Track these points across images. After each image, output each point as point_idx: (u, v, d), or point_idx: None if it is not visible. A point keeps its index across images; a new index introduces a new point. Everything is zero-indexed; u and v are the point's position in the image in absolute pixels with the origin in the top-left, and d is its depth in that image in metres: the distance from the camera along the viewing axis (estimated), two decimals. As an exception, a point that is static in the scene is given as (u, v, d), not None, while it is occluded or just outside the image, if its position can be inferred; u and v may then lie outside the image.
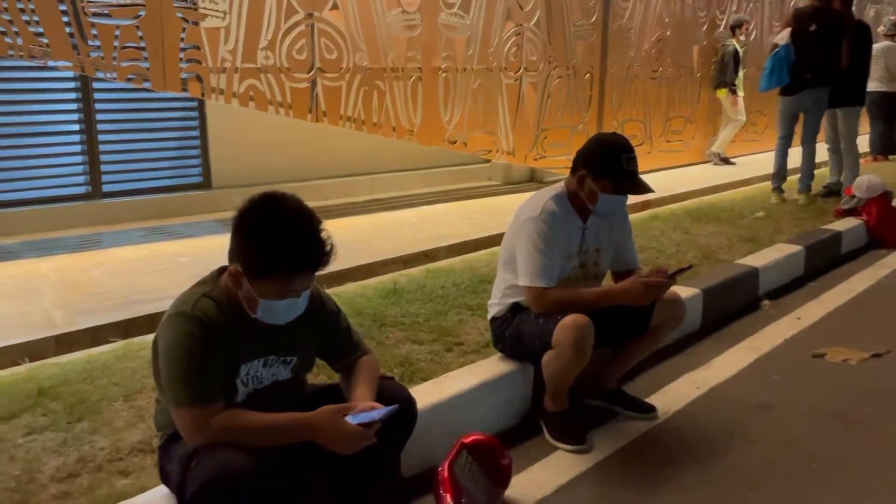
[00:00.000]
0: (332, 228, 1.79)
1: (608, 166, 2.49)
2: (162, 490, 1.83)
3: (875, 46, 8.81)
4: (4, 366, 3.07)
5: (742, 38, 8.94)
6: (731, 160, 9.20)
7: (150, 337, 3.20)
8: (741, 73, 8.86)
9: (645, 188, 2.51)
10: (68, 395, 2.49)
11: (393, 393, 1.92)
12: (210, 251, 4.70)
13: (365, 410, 1.76)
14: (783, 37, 6.03)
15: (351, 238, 5.08)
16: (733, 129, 9.09)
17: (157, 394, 1.85)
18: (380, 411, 1.75)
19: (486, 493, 2.13)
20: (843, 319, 3.89)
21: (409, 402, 1.95)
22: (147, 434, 2.20)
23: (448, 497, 1.98)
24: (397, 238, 5.26)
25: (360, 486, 1.94)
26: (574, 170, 2.58)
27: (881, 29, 9.17)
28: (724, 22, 9.25)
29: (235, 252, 1.75)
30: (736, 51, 8.71)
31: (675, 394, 2.96)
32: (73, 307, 3.76)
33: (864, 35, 6.50)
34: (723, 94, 8.88)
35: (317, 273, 1.76)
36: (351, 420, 1.72)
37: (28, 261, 4.63)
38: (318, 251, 1.72)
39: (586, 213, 2.62)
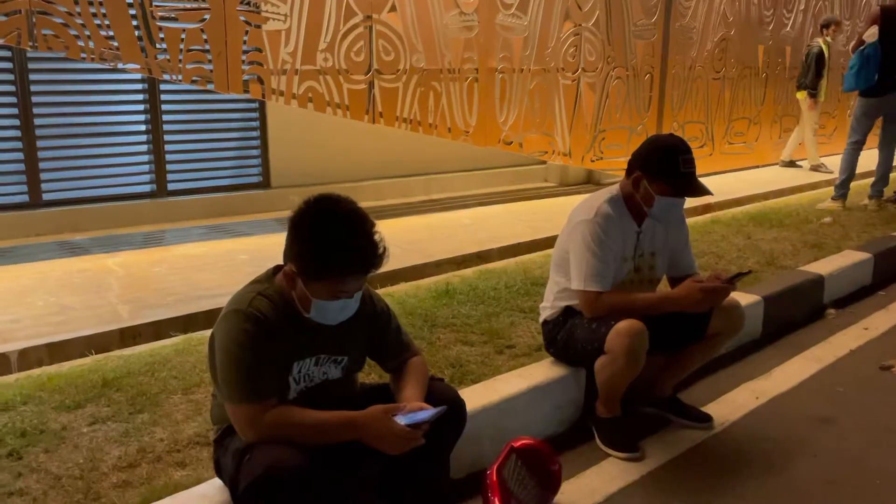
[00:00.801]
0: (387, 228, 1.81)
1: (664, 168, 2.44)
2: (216, 483, 1.88)
3: None
4: (72, 357, 3.20)
5: (829, 38, 8.37)
6: (798, 163, 8.89)
7: (209, 332, 3.32)
8: (825, 76, 8.35)
9: (702, 190, 2.45)
10: (130, 387, 2.58)
11: (442, 394, 1.93)
12: (268, 249, 4.80)
13: (414, 411, 1.77)
14: (871, 34, 5.78)
15: (405, 238, 5.12)
16: (800, 135, 8.74)
17: (213, 389, 1.89)
18: (428, 412, 1.75)
19: (535, 498, 2.11)
20: (914, 331, 3.72)
21: (459, 404, 1.95)
22: (204, 427, 2.26)
23: (496, 500, 1.97)
24: (451, 239, 5.27)
25: (410, 486, 1.95)
26: (629, 172, 2.54)
27: None
28: (790, 21, 8.97)
29: (290, 252, 1.78)
30: (821, 52, 8.27)
31: (732, 404, 2.88)
32: (138, 301, 3.90)
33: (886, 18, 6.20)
34: (802, 96, 8.46)
35: (369, 275, 1.78)
36: (400, 420, 1.73)
37: (97, 256, 4.82)
38: (371, 254, 1.74)
39: (642, 216, 2.57)
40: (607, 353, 2.39)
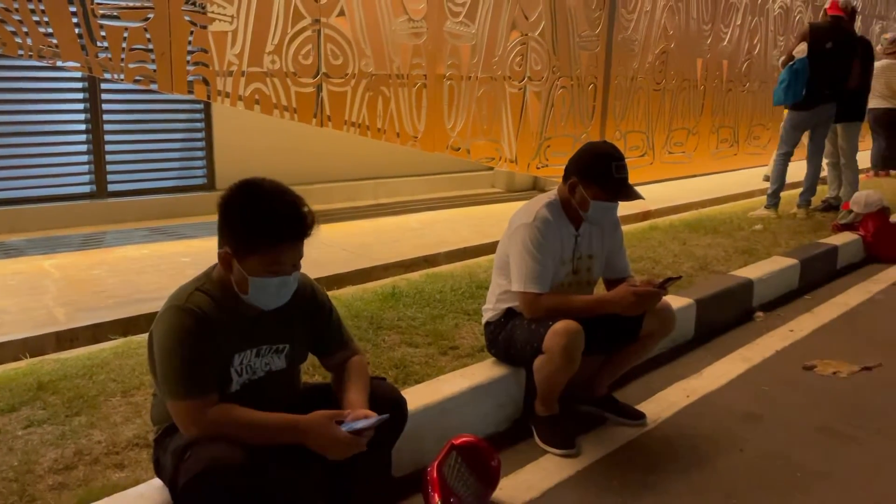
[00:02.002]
0: (335, 232, 1.85)
1: (598, 173, 2.54)
2: (156, 483, 1.87)
3: (876, 64, 8.87)
4: (5, 360, 3.12)
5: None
6: None
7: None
8: None
9: (634, 195, 2.56)
10: (67, 390, 2.54)
11: (384, 394, 1.97)
12: (212, 251, 4.69)
13: (358, 419, 1.80)
14: (801, 50, 6.03)
15: (353, 242, 5.13)
16: None
17: (153, 388, 1.89)
18: (371, 420, 1.78)
19: (474, 494, 2.17)
20: (835, 333, 3.92)
21: (400, 403, 1.99)
22: (143, 429, 2.25)
23: (436, 497, 2.02)
24: (399, 243, 5.30)
25: (352, 484, 1.98)
26: (566, 177, 2.64)
27: (879, 47, 9.21)
28: (727, 36, 9.30)
29: (223, 235, 1.81)
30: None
31: (665, 402, 3.00)
32: (75, 304, 3.82)
33: (867, 52, 6.57)
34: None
35: (301, 242, 1.81)
36: (343, 428, 1.76)
37: (33, 258, 4.69)
38: (300, 219, 1.78)
39: (579, 221, 2.67)
40: (545, 353, 2.47)
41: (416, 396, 2.42)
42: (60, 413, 2.35)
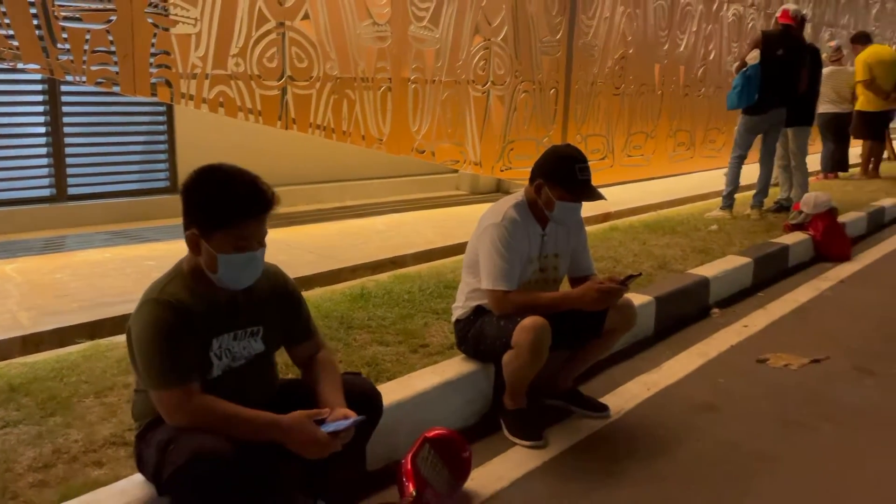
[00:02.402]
0: (301, 235, 1.91)
1: (563, 175, 2.65)
2: (137, 478, 1.91)
3: (823, 71, 9.24)
4: (-30, 366, 3.09)
5: None
6: None
7: (118, 338, 3.29)
8: None
9: (597, 195, 2.68)
10: (39, 392, 2.54)
11: (360, 388, 2.03)
12: (177, 255, 4.67)
13: (338, 418, 1.86)
14: (754, 57, 6.25)
15: (319, 244, 5.16)
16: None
17: (134, 384, 1.92)
18: (348, 421, 1.85)
19: (447, 484, 2.25)
20: (786, 328, 4.10)
21: (375, 398, 2.06)
22: (119, 428, 2.27)
23: (411, 487, 2.09)
24: (365, 245, 5.35)
25: (328, 476, 2.04)
26: (532, 179, 2.74)
27: (825, 55, 9.58)
28: (683, 42, 9.56)
29: (188, 217, 1.87)
30: None
31: (627, 394, 3.12)
32: (40, 308, 3.78)
33: (815, 59, 6.84)
34: None
35: (265, 216, 1.88)
36: (323, 429, 1.82)
37: (-7, 262, 4.62)
38: (261, 192, 1.85)
39: (545, 221, 2.77)
40: (514, 348, 2.56)
41: (389, 392, 2.49)
42: (35, 414, 2.35)
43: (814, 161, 8.67)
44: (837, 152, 9.43)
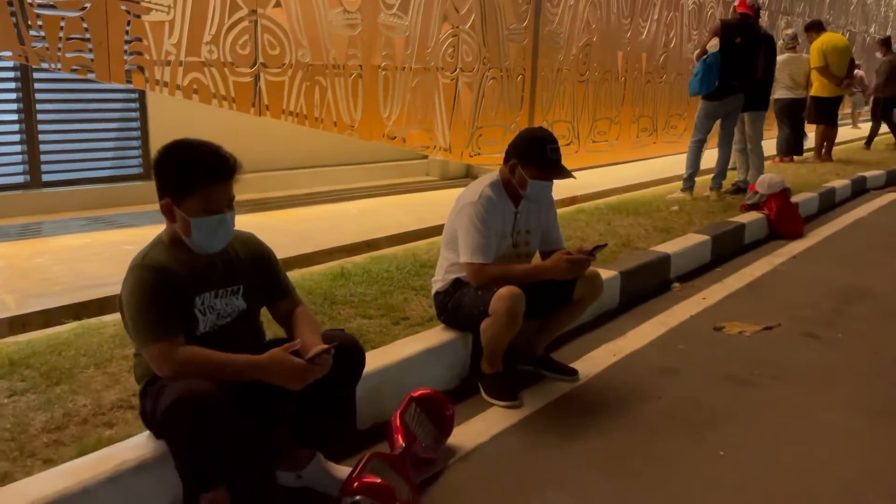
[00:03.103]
0: (275, 219, 2.10)
1: (535, 155, 2.86)
2: (145, 435, 2.06)
3: (779, 58, 9.59)
4: (-40, 347, 3.17)
5: None
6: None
7: (106, 318, 3.40)
8: None
9: (567, 173, 2.89)
10: (40, 365, 2.65)
11: (343, 340, 2.17)
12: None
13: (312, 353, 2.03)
14: (713, 44, 6.50)
15: (293, 229, 5.27)
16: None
17: (134, 349, 2.08)
18: (322, 347, 2.03)
19: (432, 438, 2.44)
20: (742, 299, 4.38)
21: (357, 347, 2.24)
22: (125, 394, 2.41)
23: (399, 439, 2.28)
24: (339, 229, 5.48)
25: (319, 429, 2.23)
26: (506, 160, 2.94)
27: (780, 43, 9.92)
28: (646, 30, 9.82)
29: (160, 187, 2.04)
30: None
31: (594, 360, 3.35)
32: (23, 292, 3.85)
33: (771, 47, 7.15)
34: None
35: (230, 181, 2.05)
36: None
37: (-30, 248, 4.67)
38: (225, 159, 2.04)
39: (518, 199, 2.97)
40: (491, 315, 2.76)
41: (375, 359, 2.67)
42: (41, 383, 2.48)
43: (770, 145, 9.05)
44: (793, 137, 9.80)
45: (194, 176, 2.00)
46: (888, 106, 11.38)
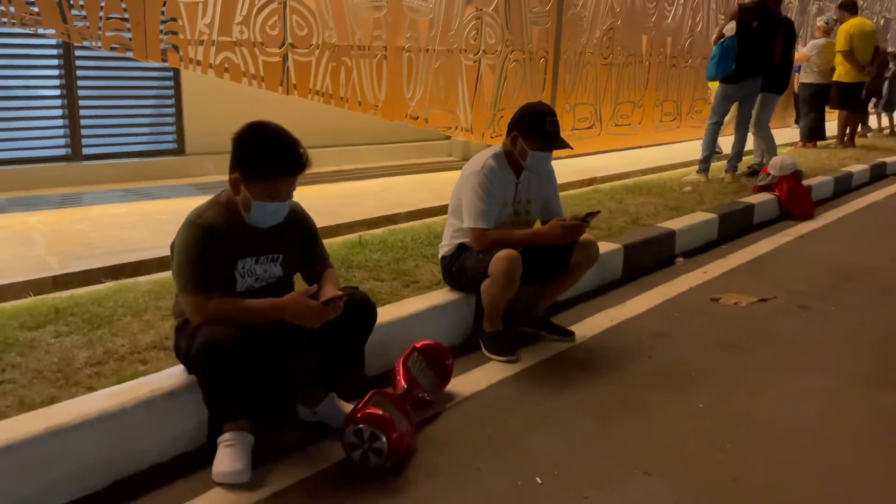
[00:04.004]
0: (300, 195, 2.34)
1: (535, 128, 3.06)
2: (178, 368, 2.34)
3: (812, 43, 9.58)
4: (9, 299, 3.47)
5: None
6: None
7: (141, 278, 3.69)
8: None
9: (564, 144, 3.10)
10: (83, 313, 2.94)
11: (357, 296, 2.44)
12: (187, 211, 5.06)
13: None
14: (731, 28, 6.59)
15: (317, 203, 5.40)
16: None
17: (176, 289, 2.35)
18: (336, 293, 2.28)
19: (432, 384, 2.69)
20: (743, 274, 4.54)
21: (369, 303, 2.49)
22: (158, 337, 2.69)
23: (402, 381, 2.52)
24: (361, 204, 5.71)
25: (336, 373, 2.49)
26: (508, 132, 3.15)
27: (820, 23, 9.83)
28: (671, 13, 9.84)
29: (235, 163, 2.25)
30: None
31: (591, 324, 3.56)
32: (66, 254, 4.15)
33: (790, 31, 7.20)
34: (714, 85, 9.20)
35: (296, 177, 2.27)
36: None
37: (17, 214, 4.98)
38: (296, 158, 2.25)
39: (520, 170, 3.19)
40: (490, 276, 2.99)
41: (384, 314, 2.91)
42: (83, 327, 2.77)
43: (782, 132, 9.02)
44: (817, 122, 9.79)
45: (268, 166, 2.21)
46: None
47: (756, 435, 2.58)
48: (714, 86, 9.03)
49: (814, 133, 9.83)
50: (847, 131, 9.98)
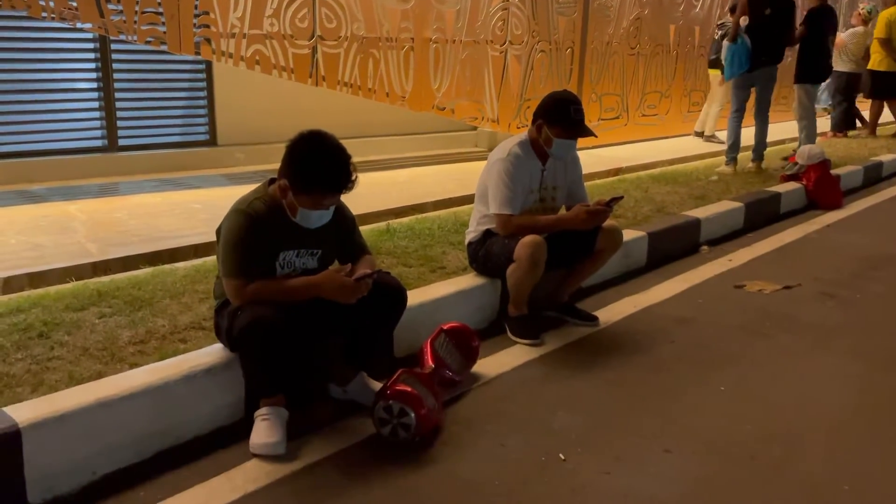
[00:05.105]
0: None
1: (560, 116, 3.12)
2: (216, 346, 2.45)
3: (851, 31, 9.45)
4: (53, 284, 3.62)
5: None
6: (717, 137, 9.65)
7: (179, 264, 3.82)
8: None
9: (589, 132, 3.15)
10: (124, 296, 3.08)
11: (389, 281, 2.54)
12: (220, 201, 5.17)
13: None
14: (745, 22, 6.58)
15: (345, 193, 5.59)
16: (718, 109, 9.31)
17: (217, 270, 2.45)
18: (368, 272, 2.37)
19: (458, 365, 2.77)
20: (768, 262, 4.55)
21: (401, 289, 2.58)
22: (197, 318, 2.81)
23: (429, 359, 2.61)
24: (388, 194, 5.78)
25: (366, 353, 2.59)
26: (534, 120, 3.21)
27: (861, 11, 9.66)
28: (700, 3, 9.77)
29: (285, 169, 2.34)
30: None
31: (616, 310, 3.62)
32: (104, 241, 4.29)
33: (820, 17, 7.13)
34: (715, 73, 9.08)
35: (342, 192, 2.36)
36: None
37: (57, 203, 5.14)
38: (346, 178, 2.34)
39: (545, 157, 3.25)
40: (516, 261, 3.07)
41: (412, 297, 2.97)
42: (125, 309, 2.90)
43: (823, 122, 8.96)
44: (848, 111, 9.66)
45: (316, 183, 2.30)
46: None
47: (776, 416, 2.62)
48: (715, 73, 9.09)
49: (845, 123, 9.70)
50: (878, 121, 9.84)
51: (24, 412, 1.98)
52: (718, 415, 2.62)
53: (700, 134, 9.51)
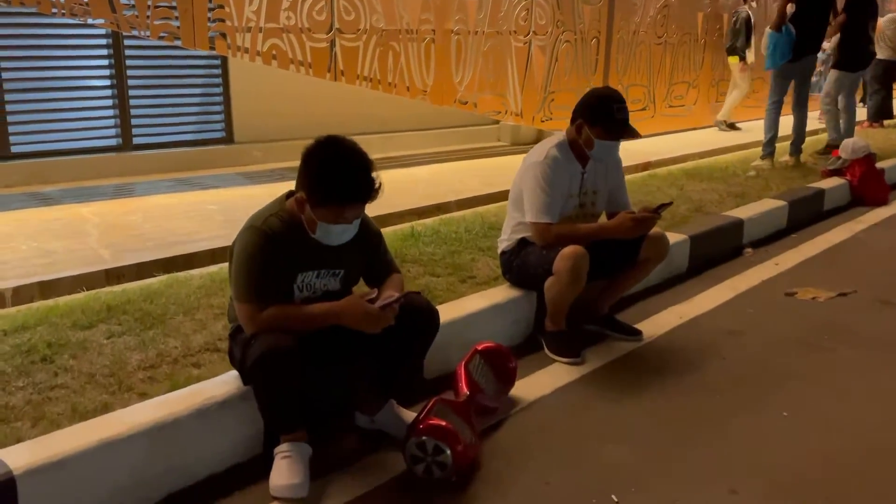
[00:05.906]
0: None
1: (602, 115, 2.87)
2: (232, 374, 2.24)
3: (890, 16, 9.11)
4: (63, 294, 3.45)
5: (754, 4, 9.06)
6: (738, 126, 9.41)
7: (194, 271, 3.63)
8: (752, 41, 8.95)
9: (635, 134, 2.90)
10: (135, 311, 2.88)
11: (420, 304, 2.28)
12: (236, 201, 5.05)
13: (384, 300, 2.12)
14: (791, 9, 6.29)
15: (367, 191, 5.40)
16: (738, 97, 9.23)
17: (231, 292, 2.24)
18: (394, 296, 2.12)
19: (494, 389, 2.55)
20: (817, 266, 4.28)
21: (432, 312, 2.33)
22: (211, 338, 2.61)
23: (464, 387, 2.39)
24: (411, 193, 5.59)
25: (394, 379, 2.36)
26: (573, 120, 2.96)
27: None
28: (728, -11, 9.45)
29: (302, 182, 2.11)
30: (749, 17, 8.86)
31: (659, 322, 3.37)
32: (118, 246, 4.13)
33: (861, 2, 6.81)
34: (734, 60, 9.00)
35: (365, 203, 2.12)
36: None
37: (70, 206, 5.00)
38: (367, 188, 2.09)
39: (585, 159, 3.00)
40: (555, 274, 2.83)
41: (443, 313, 2.72)
42: (135, 327, 2.70)
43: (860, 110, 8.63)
44: (885, 100, 9.32)
45: (334, 193, 2.05)
46: None
47: (850, 446, 2.37)
48: (734, 60, 8.83)
49: (882, 112, 9.35)
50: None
51: (19, 457, 1.78)
52: (785, 446, 2.38)
53: (721, 122, 9.27)
